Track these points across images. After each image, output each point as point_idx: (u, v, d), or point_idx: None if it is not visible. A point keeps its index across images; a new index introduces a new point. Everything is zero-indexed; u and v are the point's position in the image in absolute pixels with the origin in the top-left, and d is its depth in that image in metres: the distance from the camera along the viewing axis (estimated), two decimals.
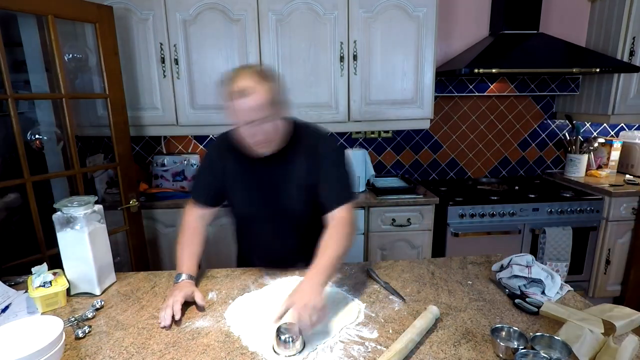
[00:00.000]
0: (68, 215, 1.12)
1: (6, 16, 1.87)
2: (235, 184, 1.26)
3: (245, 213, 1.31)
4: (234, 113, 1.07)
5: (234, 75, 1.07)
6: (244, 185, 1.25)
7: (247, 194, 1.25)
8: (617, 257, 2.48)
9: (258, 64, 1.10)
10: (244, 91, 1.03)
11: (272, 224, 1.28)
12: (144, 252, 2.14)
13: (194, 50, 2.19)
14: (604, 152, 2.80)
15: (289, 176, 1.21)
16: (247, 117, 1.06)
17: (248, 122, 1.06)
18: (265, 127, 1.08)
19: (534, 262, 1.17)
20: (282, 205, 1.23)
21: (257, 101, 1.04)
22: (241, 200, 1.27)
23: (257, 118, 1.05)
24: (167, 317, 1.00)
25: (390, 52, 2.26)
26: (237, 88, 1.03)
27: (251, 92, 1.03)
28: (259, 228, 1.31)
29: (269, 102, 1.06)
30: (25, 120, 2.01)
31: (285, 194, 1.22)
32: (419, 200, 2.28)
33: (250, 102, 1.04)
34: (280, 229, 1.29)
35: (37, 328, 0.89)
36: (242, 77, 1.05)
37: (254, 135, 1.10)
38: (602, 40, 2.57)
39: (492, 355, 0.87)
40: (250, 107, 1.04)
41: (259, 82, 1.05)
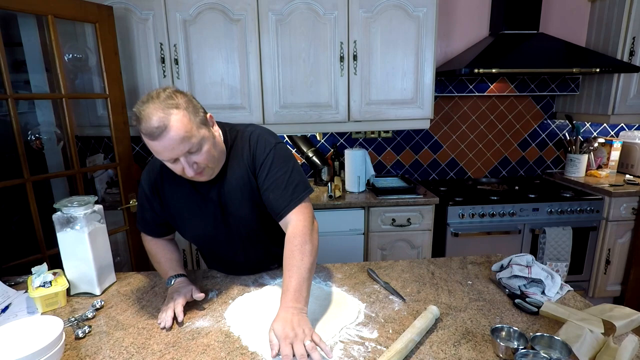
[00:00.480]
0: (68, 215, 1.12)
1: (6, 16, 1.87)
2: (179, 214, 1.17)
3: (200, 239, 1.24)
4: (161, 152, 0.95)
5: (142, 112, 0.92)
6: (190, 214, 1.16)
7: (198, 223, 1.16)
8: (617, 257, 2.48)
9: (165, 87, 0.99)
10: (159, 127, 0.91)
11: (234, 243, 1.20)
12: (143, 252, 2.12)
13: (194, 50, 2.19)
14: (604, 152, 2.80)
15: (233, 190, 1.11)
16: (177, 152, 0.95)
17: (182, 155, 0.96)
18: (202, 154, 0.98)
19: (534, 262, 1.17)
20: (237, 222, 1.15)
21: (180, 132, 0.92)
22: (192, 228, 1.19)
23: (188, 148, 0.95)
24: (168, 319, 0.99)
25: (390, 52, 2.27)
26: (152, 127, 0.91)
27: (168, 125, 0.91)
28: (222, 249, 1.24)
29: (193, 125, 0.96)
30: (25, 120, 2.01)
31: (236, 211, 1.13)
32: (419, 200, 2.28)
33: (173, 135, 0.92)
34: (244, 244, 1.21)
35: (37, 328, 0.89)
36: (152, 113, 0.91)
37: (193, 165, 0.99)
38: (602, 40, 2.57)
39: (492, 355, 0.87)
40: (175, 141, 0.93)
41: (174, 109, 0.93)
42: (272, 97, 2.27)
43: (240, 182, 1.11)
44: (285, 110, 2.29)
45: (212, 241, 1.22)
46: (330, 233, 2.26)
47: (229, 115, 2.27)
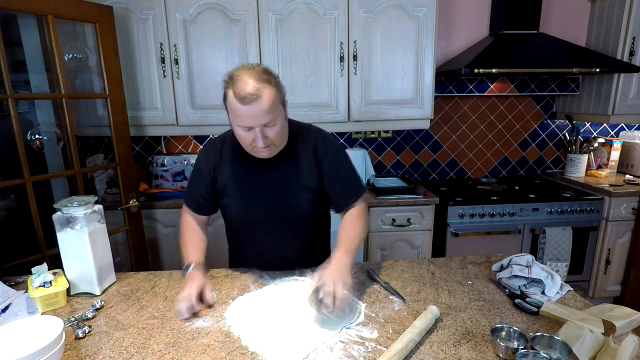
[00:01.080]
0: (68, 215, 1.12)
1: (6, 16, 1.87)
2: (232, 192, 1.22)
3: (245, 220, 1.27)
4: (244, 117, 1.03)
5: (239, 77, 1.02)
6: (244, 192, 1.21)
7: (247, 201, 1.21)
8: (617, 257, 2.48)
9: (257, 64, 1.10)
10: (253, 95, 1.00)
11: (275, 230, 1.25)
12: (144, 252, 2.14)
13: (194, 50, 2.19)
14: (604, 152, 2.80)
15: (293, 178, 1.19)
16: (259, 121, 1.03)
17: (260, 126, 1.04)
18: (276, 129, 1.07)
19: (534, 262, 1.17)
20: (288, 209, 1.21)
21: (268, 104, 1.02)
22: (240, 207, 1.23)
23: (268, 121, 1.04)
24: (186, 310, 1.02)
25: (390, 52, 2.27)
26: (246, 92, 1.00)
27: (261, 95, 1.01)
28: (262, 234, 1.27)
29: (277, 102, 1.06)
30: (25, 120, 2.01)
31: (290, 197, 1.19)
32: (419, 200, 2.28)
33: (262, 106, 1.01)
34: (282, 235, 1.26)
35: (37, 328, 0.88)
36: (249, 80, 1.01)
37: (265, 139, 1.07)
38: (602, 40, 2.57)
39: (492, 355, 0.87)
40: (262, 111, 1.02)
41: (266, 84, 1.03)
42: None
43: (299, 170, 1.19)
44: None
45: (255, 224, 1.25)
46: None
47: None
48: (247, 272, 1.30)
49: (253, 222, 1.25)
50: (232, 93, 1.03)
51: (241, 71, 1.05)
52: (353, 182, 1.24)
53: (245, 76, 1.02)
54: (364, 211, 1.22)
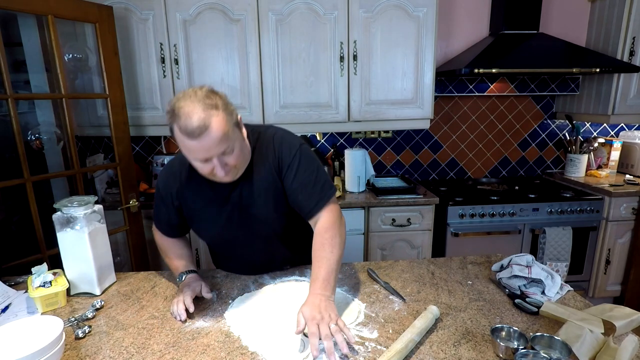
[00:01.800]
0: (68, 215, 1.12)
1: (6, 16, 1.87)
2: (200, 216, 1.17)
3: (220, 242, 1.25)
4: (197, 152, 0.94)
5: (181, 109, 0.91)
6: (212, 215, 1.15)
7: (217, 223, 1.16)
8: (617, 257, 2.48)
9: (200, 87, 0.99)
10: (201, 127, 0.90)
11: (252, 243, 1.21)
12: (144, 252, 2.14)
13: (194, 50, 2.19)
14: (604, 152, 2.80)
15: (256, 192, 1.11)
16: (214, 152, 0.94)
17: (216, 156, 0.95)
18: (234, 155, 0.99)
19: (534, 262, 1.17)
20: (261, 225, 1.16)
21: (219, 133, 0.91)
22: (209, 230, 1.19)
23: (224, 149, 0.95)
24: (182, 312, 1.01)
25: (390, 52, 2.27)
26: (193, 126, 0.89)
27: (209, 125, 0.90)
28: (238, 250, 1.24)
29: (230, 126, 0.95)
30: (25, 120, 2.01)
31: (260, 213, 1.13)
32: (419, 200, 2.28)
33: (213, 136, 0.91)
34: (262, 248, 1.23)
35: (37, 328, 0.89)
36: (193, 111, 0.90)
37: (224, 167, 0.98)
38: (602, 40, 2.57)
39: (492, 355, 0.87)
40: (214, 142, 0.92)
41: (213, 110, 0.92)
42: (272, 97, 2.27)
43: (264, 184, 1.11)
44: (285, 110, 2.29)
45: (229, 242, 1.22)
46: None
47: None
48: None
49: (229, 242, 1.22)
50: (177, 128, 0.92)
51: (182, 101, 0.92)
52: (317, 188, 1.10)
53: (188, 107, 0.91)
54: (336, 221, 1.08)
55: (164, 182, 1.18)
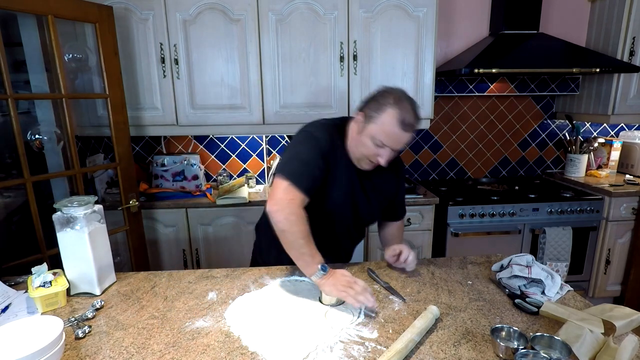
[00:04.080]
0: (68, 215, 1.12)
1: (6, 16, 1.87)
2: (336, 185, 1.22)
3: (331, 214, 1.25)
4: (392, 139, 1.12)
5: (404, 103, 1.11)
6: (344, 190, 1.24)
7: (343, 198, 1.25)
8: (617, 257, 2.48)
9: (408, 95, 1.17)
10: (412, 125, 1.12)
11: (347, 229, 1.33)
12: (144, 252, 2.14)
13: (194, 50, 2.19)
14: (604, 152, 2.80)
15: (379, 189, 1.31)
16: (398, 147, 1.15)
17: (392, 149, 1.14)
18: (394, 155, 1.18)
19: (534, 262, 1.17)
20: (369, 213, 1.32)
21: (411, 138, 1.16)
22: (335, 201, 1.23)
23: (402, 149, 1.19)
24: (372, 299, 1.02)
25: (390, 52, 2.26)
26: (410, 121, 1.11)
27: (413, 130, 1.13)
28: (327, 229, 1.27)
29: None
30: (25, 120, 2.01)
31: (375, 203, 1.31)
32: (419, 200, 2.28)
33: (409, 137, 1.14)
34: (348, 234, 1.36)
35: (37, 328, 0.88)
36: (412, 110, 1.12)
37: (385, 158, 1.16)
38: (602, 40, 2.57)
39: (492, 355, 0.87)
40: (406, 141, 1.15)
41: (418, 122, 1.16)
42: (272, 97, 2.27)
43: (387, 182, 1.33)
44: (285, 110, 2.29)
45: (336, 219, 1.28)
46: None
47: (229, 115, 2.27)
48: (247, 272, 1.30)
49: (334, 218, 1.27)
50: (393, 112, 1.10)
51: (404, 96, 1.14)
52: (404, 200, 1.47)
53: (410, 106, 1.12)
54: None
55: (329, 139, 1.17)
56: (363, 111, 1.16)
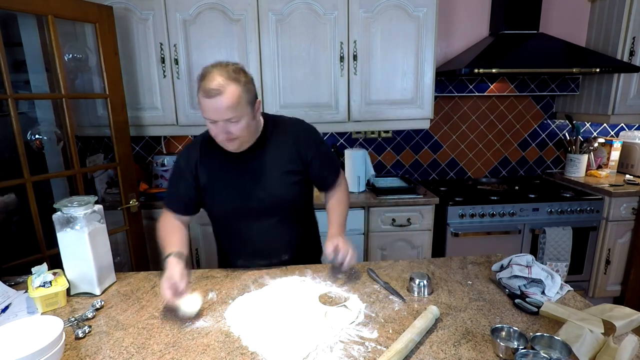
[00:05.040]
0: (68, 215, 1.12)
1: (6, 16, 1.87)
2: (213, 185, 1.26)
3: (229, 212, 1.30)
4: (207, 111, 1.09)
5: (208, 73, 1.08)
6: (224, 184, 1.25)
7: (228, 192, 1.26)
8: (617, 257, 2.48)
9: (235, 63, 1.15)
10: (217, 90, 1.05)
11: (259, 219, 1.28)
12: (144, 252, 2.14)
13: (194, 50, 2.19)
14: (604, 152, 2.80)
15: (270, 166, 1.25)
16: (221, 116, 1.09)
17: (222, 120, 1.09)
18: (239, 126, 1.12)
19: (534, 262, 1.17)
20: (268, 196, 1.25)
21: (230, 100, 1.07)
22: (223, 199, 1.27)
23: (231, 117, 1.09)
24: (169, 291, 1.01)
25: (390, 52, 2.26)
26: (211, 86, 1.05)
27: (223, 92, 1.06)
28: (244, 223, 1.30)
29: (243, 101, 1.10)
30: (25, 120, 2.01)
31: (270, 184, 1.25)
32: (419, 200, 2.28)
33: (224, 101, 1.07)
34: (267, 223, 1.29)
35: (37, 328, 0.89)
36: (216, 76, 1.07)
37: (226, 133, 1.12)
38: (602, 40, 2.57)
39: (492, 355, 0.87)
40: (223, 106, 1.07)
41: (233, 82, 1.07)
42: (272, 97, 2.27)
43: (279, 157, 1.26)
44: (285, 110, 2.29)
45: (240, 214, 1.28)
46: None
47: None
48: (247, 272, 1.30)
49: (237, 213, 1.29)
50: (201, 87, 1.08)
51: (213, 67, 1.10)
52: (333, 161, 1.38)
53: (215, 72, 1.07)
54: (346, 186, 1.42)
55: (186, 155, 1.29)
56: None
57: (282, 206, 1.29)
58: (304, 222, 1.42)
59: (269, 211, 1.28)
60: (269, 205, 1.27)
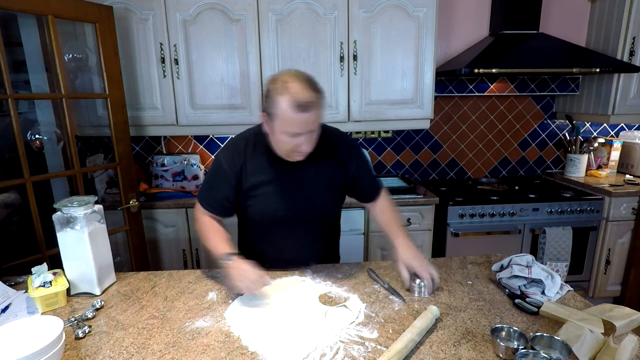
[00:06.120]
0: (68, 215, 1.12)
1: (6, 16, 1.87)
2: (258, 191, 1.23)
3: (270, 217, 1.27)
4: (298, 124, 1.06)
5: (292, 85, 1.04)
6: (272, 190, 1.23)
7: (274, 199, 1.23)
8: (617, 257, 2.48)
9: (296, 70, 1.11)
10: (311, 103, 1.04)
11: (298, 229, 1.29)
12: (144, 252, 2.14)
13: (194, 50, 2.19)
14: (604, 152, 2.80)
15: (318, 178, 1.24)
16: (308, 128, 1.07)
17: (306, 132, 1.08)
18: (314, 136, 1.12)
19: (534, 262, 1.17)
20: (312, 208, 1.26)
21: (318, 114, 1.08)
22: (268, 205, 1.24)
23: (314, 129, 1.09)
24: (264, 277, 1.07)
25: (390, 52, 2.26)
26: (305, 99, 1.03)
27: (315, 106, 1.06)
28: (282, 231, 1.30)
29: (322, 113, 1.11)
30: (25, 120, 2.01)
31: (315, 195, 1.25)
32: (419, 200, 2.28)
33: (317, 113, 1.07)
34: (303, 233, 1.31)
35: (37, 328, 0.89)
36: (304, 88, 1.04)
37: (307, 144, 1.11)
38: (602, 40, 2.57)
39: (492, 355, 0.87)
40: (313, 119, 1.07)
41: (318, 94, 1.08)
42: None
43: (328, 171, 1.25)
44: None
45: (280, 222, 1.27)
46: None
47: (229, 115, 2.27)
48: None
49: (277, 221, 1.27)
50: (285, 100, 1.03)
51: (293, 78, 1.06)
52: (375, 177, 1.41)
53: (301, 84, 1.05)
54: (387, 193, 1.40)
55: (229, 158, 1.23)
56: (265, 111, 1.12)
57: (322, 218, 1.32)
58: (334, 232, 1.45)
59: (308, 222, 1.29)
60: (310, 216, 1.28)
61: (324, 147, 1.22)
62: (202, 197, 1.30)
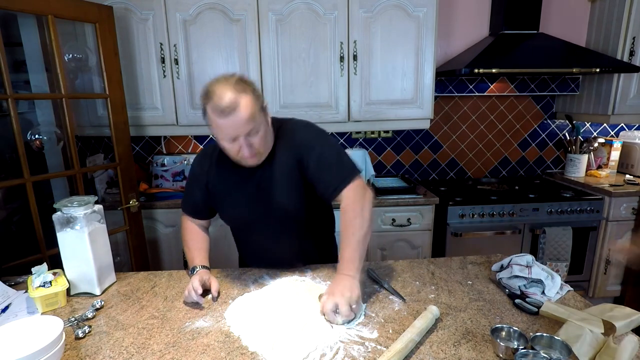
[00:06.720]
0: (68, 215, 1.12)
1: (6, 16, 1.87)
2: (224, 196, 1.25)
3: (239, 222, 1.32)
4: (226, 129, 1.04)
5: (214, 91, 1.02)
6: (235, 196, 1.23)
7: (238, 204, 1.24)
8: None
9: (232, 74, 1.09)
10: (231, 105, 1.00)
11: (269, 228, 1.26)
12: (144, 252, 2.14)
13: (194, 50, 2.19)
14: (604, 152, 2.80)
15: (274, 178, 1.17)
16: (241, 131, 1.03)
17: (243, 135, 1.04)
18: (259, 136, 1.07)
19: (534, 262, 1.17)
20: (277, 206, 1.19)
21: (247, 112, 1.02)
22: (233, 210, 1.27)
23: (250, 129, 1.04)
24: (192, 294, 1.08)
25: (390, 52, 2.27)
26: (224, 105, 1.00)
27: (238, 105, 1.00)
28: (256, 234, 1.31)
29: (256, 110, 1.05)
30: (25, 120, 2.01)
31: (277, 196, 1.18)
32: (419, 200, 2.28)
33: (242, 115, 1.01)
34: (277, 232, 1.27)
35: (37, 328, 0.89)
36: (224, 92, 1.00)
37: (250, 147, 1.07)
38: (602, 40, 2.57)
39: (492, 355, 0.87)
40: (242, 120, 1.02)
41: (242, 93, 1.02)
42: (272, 97, 2.27)
43: (286, 168, 1.17)
44: (285, 110, 2.29)
45: (249, 225, 1.29)
46: None
47: None
48: (247, 272, 1.30)
49: (245, 223, 1.29)
50: (210, 108, 1.03)
51: (216, 85, 1.04)
52: (341, 166, 1.14)
53: (220, 89, 1.02)
54: (357, 197, 1.10)
55: (199, 162, 1.29)
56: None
57: (291, 217, 1.23)
58: (317, 231, 1.37)
59: (278, 223, 1.24)
60: (278, 217, 1.22)
61: (279, 144, 1.18)
62: (182, 201, 1.36)
